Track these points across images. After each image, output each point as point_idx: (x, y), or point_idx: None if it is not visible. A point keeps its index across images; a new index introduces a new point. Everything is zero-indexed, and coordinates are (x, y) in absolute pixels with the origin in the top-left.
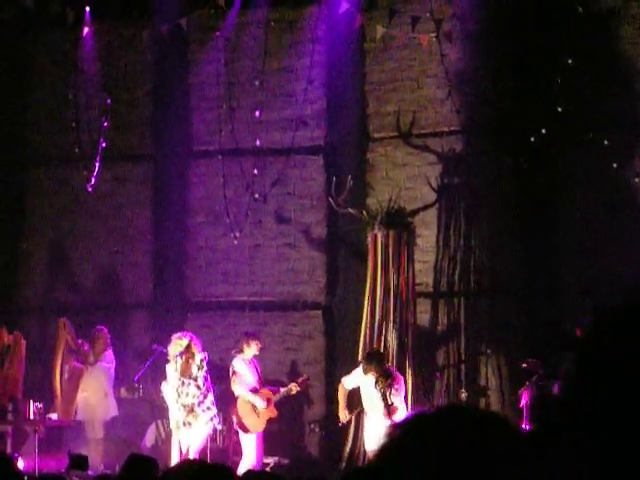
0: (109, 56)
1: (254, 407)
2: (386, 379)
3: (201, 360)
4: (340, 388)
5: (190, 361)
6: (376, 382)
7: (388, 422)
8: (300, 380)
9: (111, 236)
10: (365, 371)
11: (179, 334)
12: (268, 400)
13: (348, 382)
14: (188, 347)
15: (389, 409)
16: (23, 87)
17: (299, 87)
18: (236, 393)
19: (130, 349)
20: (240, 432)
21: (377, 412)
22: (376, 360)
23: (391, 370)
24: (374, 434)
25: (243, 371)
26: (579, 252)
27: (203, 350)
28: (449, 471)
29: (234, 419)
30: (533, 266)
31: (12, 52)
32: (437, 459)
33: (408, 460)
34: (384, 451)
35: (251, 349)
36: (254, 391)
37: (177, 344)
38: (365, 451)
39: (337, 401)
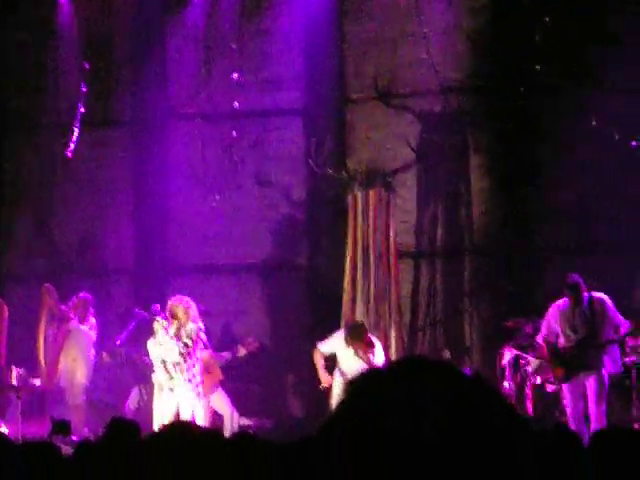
0: (86, 21)
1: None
2: (366, 348)
3: (192, 329)
4: (315, 353)
5: (180, 326)
6: (355, 352)
7: None
8: (246, 342)
9: (91, 201)
10: (347, 342)
11: (177, 298)
12: (209, 367)
13: (325, 347)
14: (182, 313)
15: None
16: (0, 53)
17: (277, 49)
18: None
19: (112, 313)
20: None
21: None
22: (358, 333)
23: (370, 339)
24: (338, 395)
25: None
26: (560, 210)
27: (196, 320)
28: (394, 416)
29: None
30: (514, 226)
31: None
32: (382, 407)
33: (357, 412)
34: (339, 406)
35: None
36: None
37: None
38: None
39: (315, 366)
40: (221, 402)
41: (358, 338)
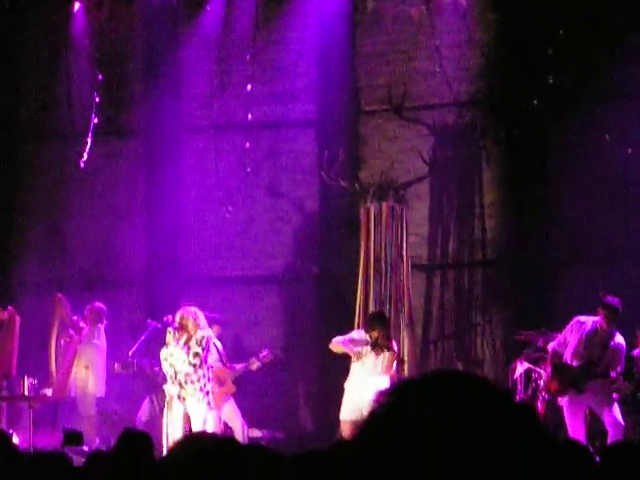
0: (100, 31)
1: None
2: (386, 340)
3: (202, 337)
4: (332, 343)
5: (190, 336)
6: (375, 341)
7: (385, 378)
8: (261, 355)
9: (104, 211)
10: (368, 329)
11: (185, 309)
12: (221, 379)
13: (339, 337)
14: (191, 324)
15: (398, 358)
16: (15, 63)
17: (290, 60)
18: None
19: (124, 324)
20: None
21: (361, 378)
22: (382, 319)
23: (390, 336)
24: (350, 403)
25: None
26: (572, 223)
27: (205, 327)
28: (441, 437)
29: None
30: (526, 237)
31: (3, 28)
32: (428, 425)
33: (398, 427)
34: (372, 419)
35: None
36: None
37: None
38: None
39: (336, 353)
40: (232, 414)
41: (380, 325)
